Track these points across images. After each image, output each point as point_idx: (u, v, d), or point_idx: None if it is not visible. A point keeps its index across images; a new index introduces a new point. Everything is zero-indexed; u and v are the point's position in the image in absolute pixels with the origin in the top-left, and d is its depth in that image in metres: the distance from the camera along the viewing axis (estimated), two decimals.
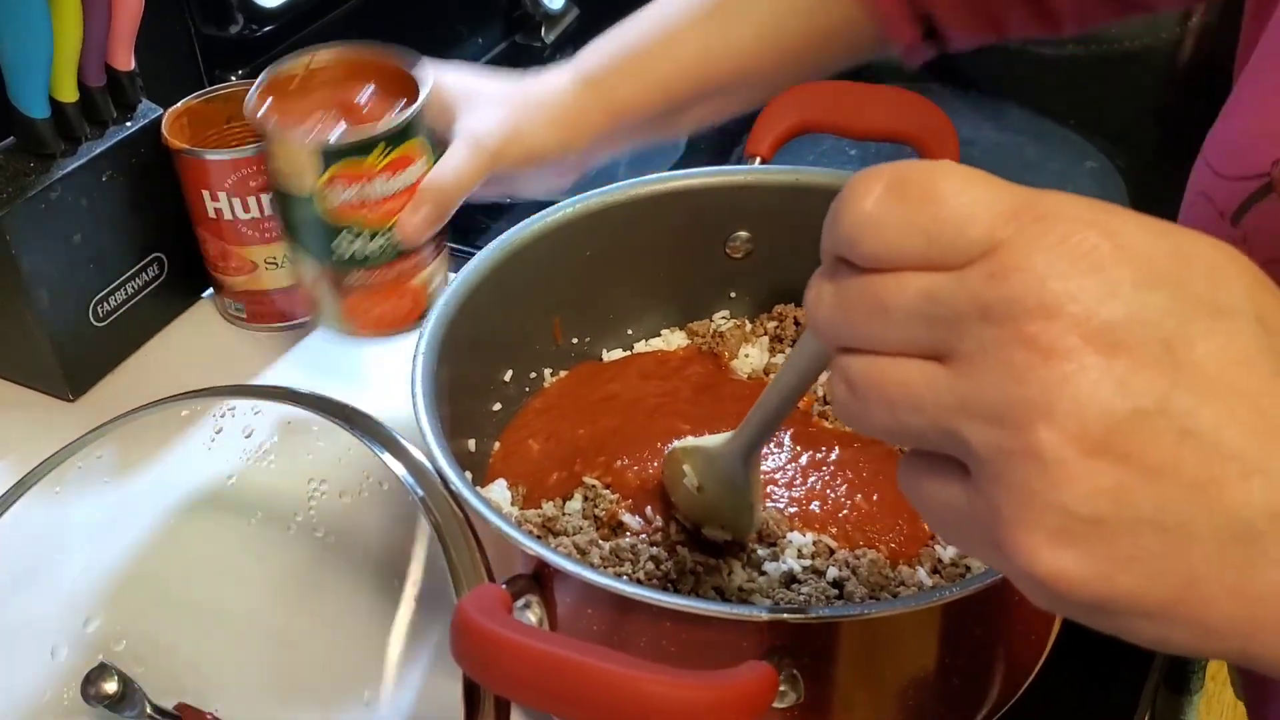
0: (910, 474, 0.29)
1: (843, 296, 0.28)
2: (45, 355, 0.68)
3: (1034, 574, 0.25)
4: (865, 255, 0.27)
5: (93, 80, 0.67)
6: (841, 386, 0.28)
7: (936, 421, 0.26)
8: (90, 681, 0.47)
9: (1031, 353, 0.24)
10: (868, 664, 0.45)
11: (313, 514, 0.50)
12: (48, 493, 0.52)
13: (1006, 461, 0.25)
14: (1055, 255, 0.25)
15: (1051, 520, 0.24)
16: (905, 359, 0.27)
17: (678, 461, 0.53)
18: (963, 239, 0.26)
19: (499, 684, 0.38)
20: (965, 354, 0.25)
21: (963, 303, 0.25)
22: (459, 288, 0.57)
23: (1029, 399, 0.24)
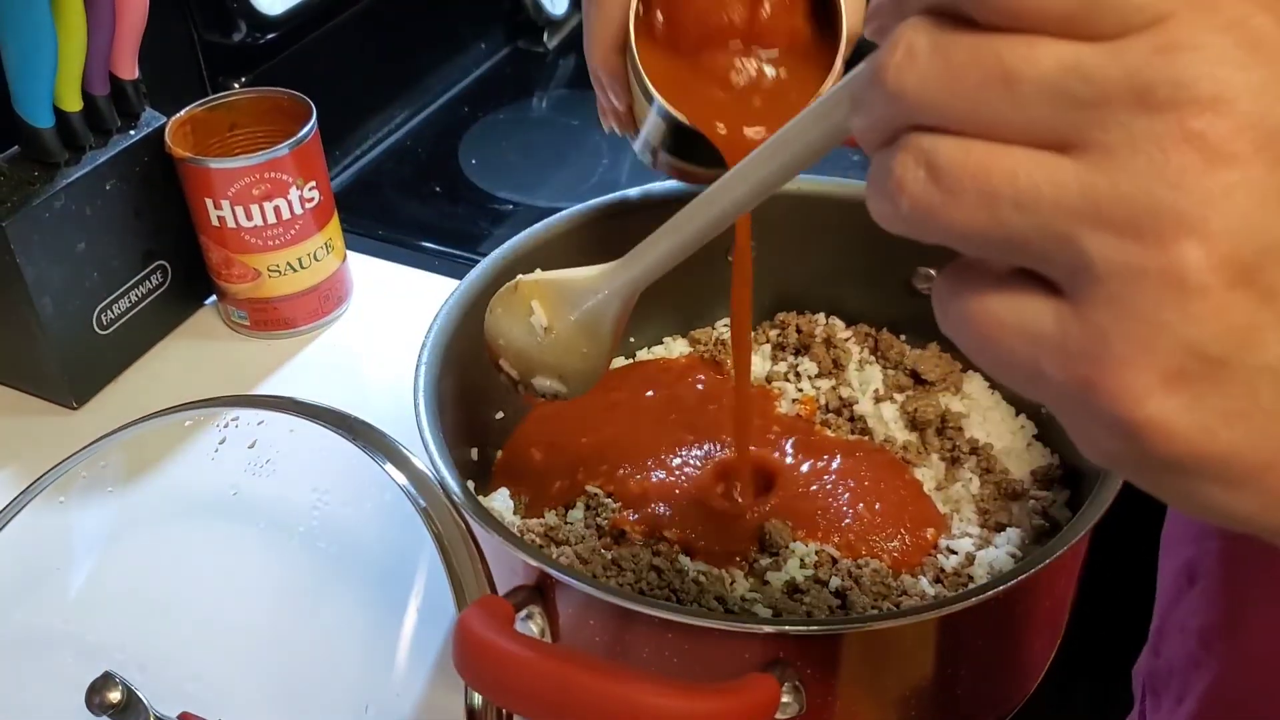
0: (964, 291, 0.24)
1: (948, 58, 0.22)
2: (49, 363, 0.68)
3: (1132, 420, 0.21)
4: (999, 8, 0.22)
5: (97, 89, 0.67)
6: (918, 174, 0.23)
7: (1049, 223, 0.22)
8: (94, 690, 0.47)
9: (1195, 152, 0.20)
10: (870, 675, 0.45)
11: (315, 524, 0.50)
12: (52, 502, 0.52)
13: (1133, 282, 0.21)
14: (1233, 38, 0.21)
15: (1173, 359, 0.21)
16: (1019, 146, 0.22)
17: (524, 298, 0.45)
18: (1128, 3, 0.21)
19: (501, 697, 0.38)
20: (1105, 145, 0.21)
21: (1116, 81, 0.21)
22: (462, 296, 0.57)
23: (1180, 208, 0.20)
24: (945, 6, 0.23)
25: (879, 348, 0.65)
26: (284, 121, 0.72)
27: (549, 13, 1.13)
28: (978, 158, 0.22)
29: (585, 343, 0.44)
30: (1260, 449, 0.22)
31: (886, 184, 0.24)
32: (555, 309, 0.44)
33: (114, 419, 0.54)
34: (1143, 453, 0.22)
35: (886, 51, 0.23)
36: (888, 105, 0.23)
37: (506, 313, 0.46)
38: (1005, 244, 0.23)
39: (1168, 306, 0.21)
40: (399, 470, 0.48)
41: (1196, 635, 0.53)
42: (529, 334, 0.45)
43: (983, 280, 0.24)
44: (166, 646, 0.50)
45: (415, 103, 1.04)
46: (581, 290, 0.43)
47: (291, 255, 0.72)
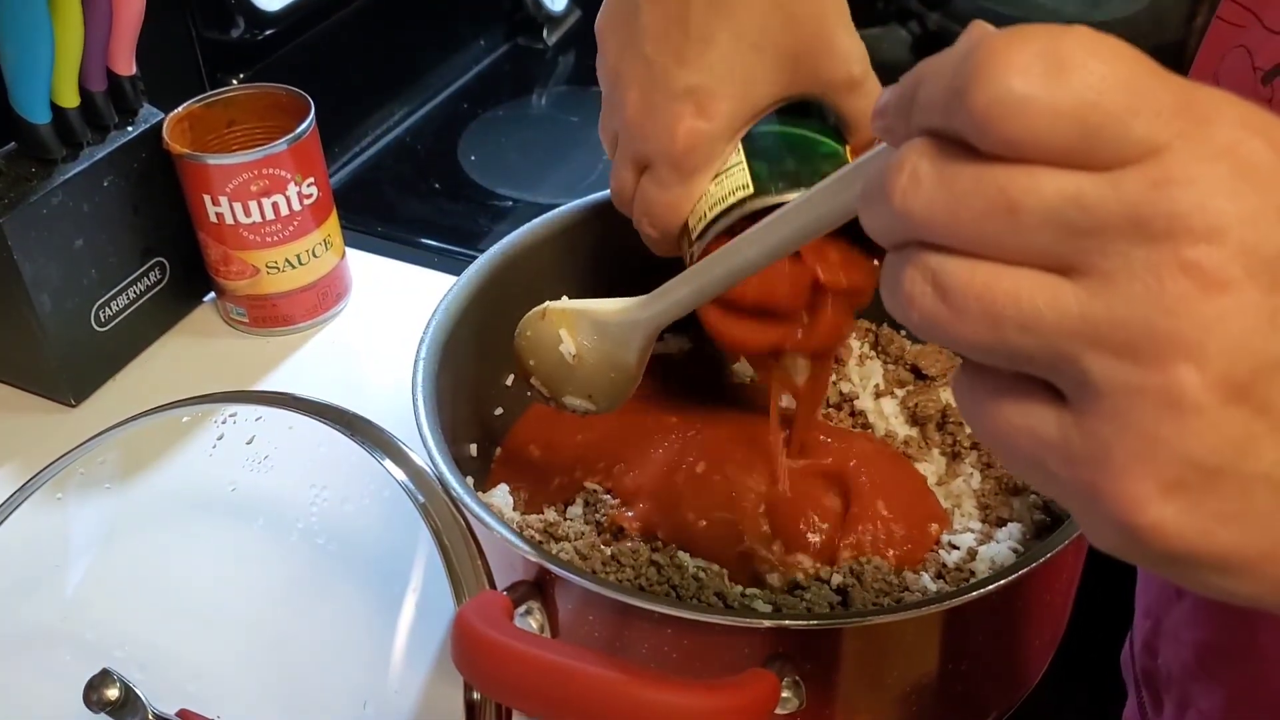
0: (982, 394, 0.25)
1: (953, 184, 0.23)
2: (47, 360, 0.68)
3: (1133, 525, 0.23)
4: (1001, 141, 0.22)
5: (94, 85, 0.67)
6: (926, 290, 0.24)
7: (1051, 344, 0.23)
8: (92, 688, 0.47)
9: (1189, 280, 0.21)
10: (870, 671, 0.45)
11: (314, 520, 0.50)
12: (50, 499, 0.52)
13: (1132, 400, 0.22)
14: (1224, 168, 0.22)
15: (1172, 470, 0.22)
16: (1022, 268, 0.23)
17: (552, 325, 0.48)
18: (1124, 137, 0.22)
19: (500, 692, 0.38)
20: (1105, 271, 0.22)
21: (1114, 213, 0.22)
22: (460, 292, 0.57)
23: (1176, 333, 0.21)
24: (948, 132, 0.23)
25: (879, 343, 0.64)
26: (282, 118, 0.72)
27: (549, 9, 1.13)
28: (982, 279, 0.23)
29: (612, 369, 0.47)
30: (1256, 544, 0.23)
31: (898, 293, 0.25)
32: (583, 337, 0.47)
33: (112, 416, 0.54)
34: (1145, 549, 0.23)
35: (894, 172, 0.24)
36: (894, 221, 0.24)
37: (536, 337, 0.49)
38: (1010, 358, 0.24)
39: (1166, 423, 0.22)
40: (398, 466, 0.47)
41: (1193, 650, 0.53)
42: (559, 359, 0.48)
43: (994, 381, 0.25)
44: (165, 644, 0.50)
45: (414, 99, 1.04)
46: (607, 322, 0.46)
47: (290, 252, 0.72)
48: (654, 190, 0.47)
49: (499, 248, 0.60)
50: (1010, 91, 0.22)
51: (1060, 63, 0.22)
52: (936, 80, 0.24)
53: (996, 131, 0.22)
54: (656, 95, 0.45)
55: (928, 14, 1.16)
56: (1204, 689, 0.52)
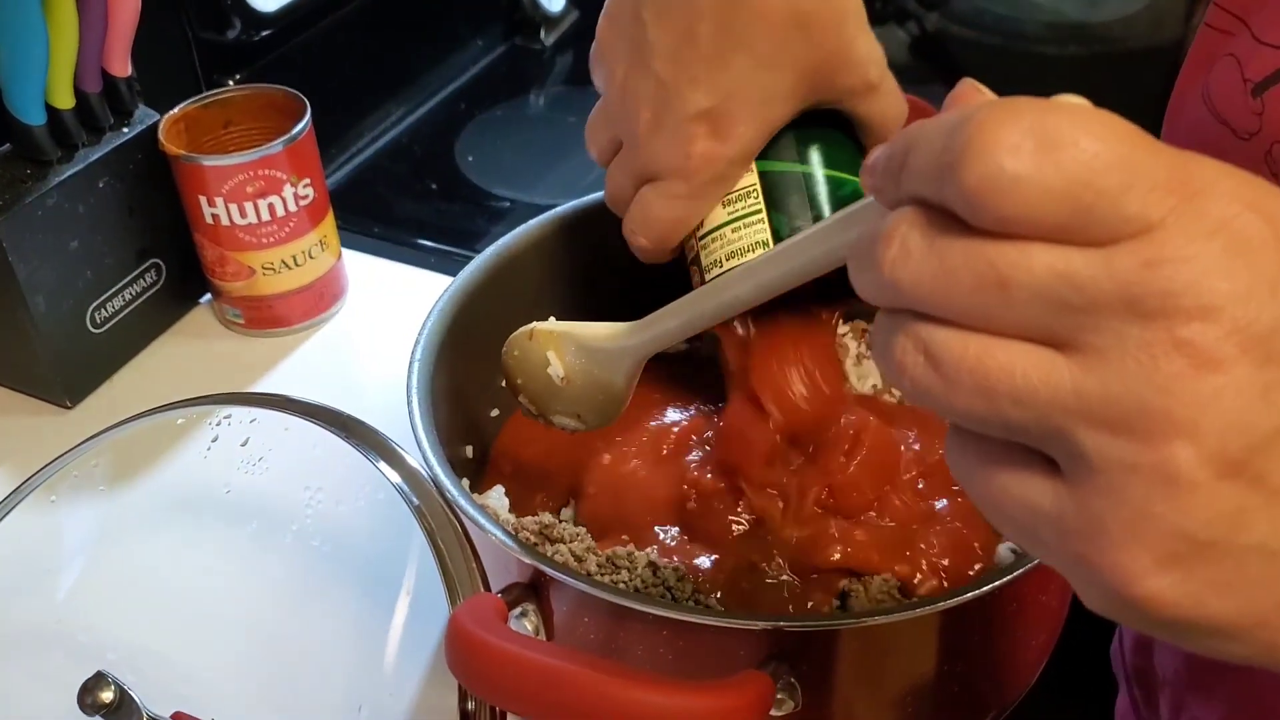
0: (975, 460, 0.25)
1: (944, 258, 0.23)
2: (42, 362, 0.68)
3: (1127, 595, 0.23)
4: (993, 219, 0.22)
5: (89, 86, 0.66)
6: (917, 360, 0.24)
7: (1044, 419, 0.23)
8: (86, 691, 0.47)
9: (1183, 359, 0.21)
10: (866, 672, 0.45)
11: (308, 522, 0.50)
12: (43, 501, 0.52)
13: (1127, 476, 0.22)
14: (1218, 245, 0.22)
15: (1166, 545, 0.22)
16: (1014, 341, 0.23)
17: (540, 346, 0.48)
18: (1116, 215, 0.22)
19: (494, 695, 0.38)
20: (1098, 349, 0.22)
21: (1107, 291, 0.22)
22: (456, 293, 0.57)
23: (1171, 411, 0.22)
24: (939, 202, 0.23)
25: None
26: (278, 119, 0.72)
27: (546, 9, 1.12)
28: (975, 352, 0.23)
29: (600, 392, 0.47)
30: (1249, 611, 0.23)
31: (889, 358, 0.25)
32: (570, 360, 0.47)
33: (108, 418, 0.54)
34: (1139, 617, 0.23)
35: (883, 242, 0.24)
36: (883, 290, 0.24)
37: (524, 357, 0.49)
38: (1004, 429, 0.24)
39: (1160, 500, 0.22)
40: (393, 468, 0.47)
41: (1184, 659, 0.53)
42: (546, 379, 0.48)
43: (988, 448, 0.25)
44: (159, 646, 0.50)
45: (411, 100, 1.04)
46: (595, 348, 0.46)
47: (286, 253, 0.72)
48: (659, 203, 0.45)
49: (495, 248, 0.60)
50: (1001, 170, 0.22)
51: (1052, 140, 0.22)
52: (927, 149, 0.23)
53: (987, 209, 0.22)
54: (669, 116, 0.43)
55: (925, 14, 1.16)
56: (1199, 699, 0.52)
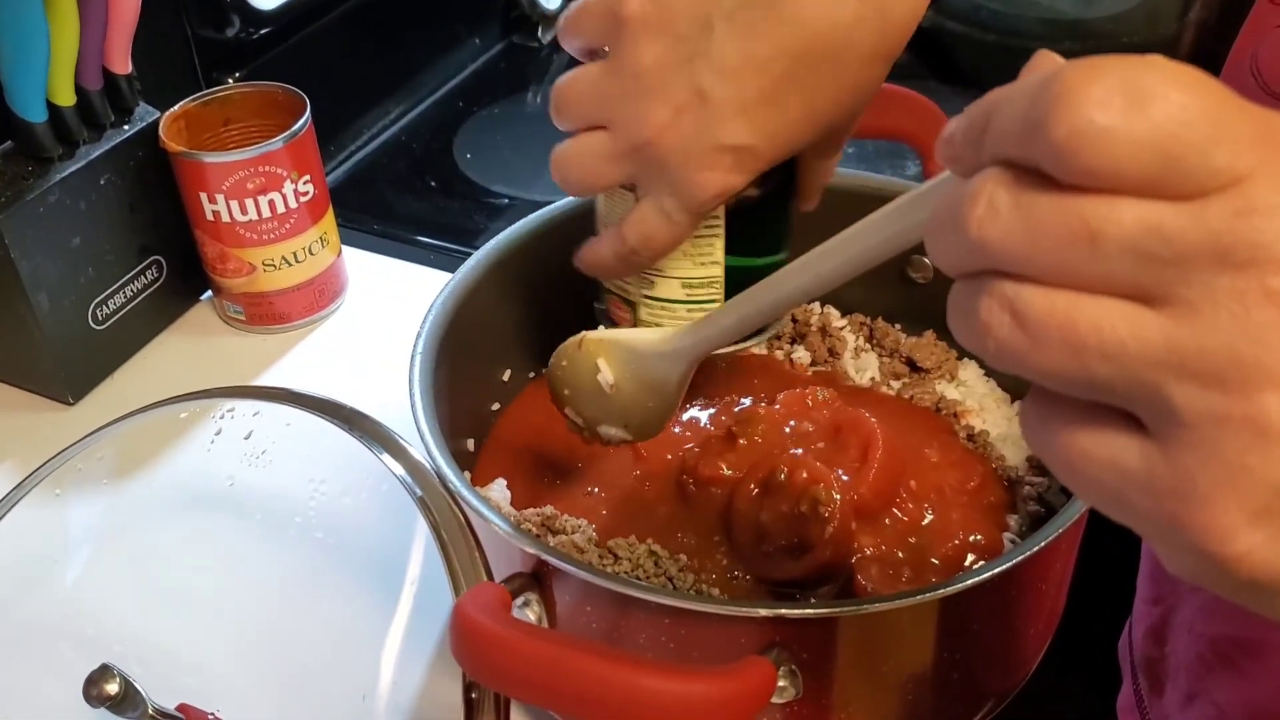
0: (1054, 421, 0.25)
1: (1031, 214, 0.23)
2: (44, 359, 0.68)
3: (1220, 554, 0.23)
4: (1082, 172, 0.22)
5: (90, 84, 0.67)
6: (1004, 319, 0.24)
7: (1135, 373, 0.23)
8: (92, 683, 0.47)
9: (1274, 308, 0.22)
10: (867, 659, 0.45)
11: (312, 515, 0.50)
12: (48, 495, 0.52)
13: (1217, 428, 0.22)
14: None
15: (1259, 499, 0.22)
16: (1102, 297, 0.23)
17: (589, 355, 0.47)
18: (1205, 167, 0.22)
19: (498, 682, 0.38)
20: (1188, 301, 0.22)
21: (1197, 242, 0.22)
22: (457, 287, 0.57)
23: (1262, 361, 0.22)
24: (1025, 161, 0.23)
25: (875, 336, 0.65)
26: (278, 116, 0.72)
27: (543, 7, 1.13)
28: (1063, 308, 0.23)
29: (651, 399, 0.46)
30: None
31: (973, 323, 0.25)
32: (621, 368, 0.46)
33: (109, 415, 0.54)
34: (1229, 578, 0.23)
35: (969, 202, 0.24)
36: (969, 251, 0.24)
37: (572, 366, 0.48)
38: (1091, 388, 0.24)
39: (1252, 452, 0.22)
40: (396, 460, 0.47)
41: (1208, 642, 0.53)
42: (595, 388, 0.47)
43: (1069, 411, 0.25)
44: (164, 638, 0.50)
45: (410, 97, 1.04)
46: (647, 352, 0.45)
47: (287, 249, 0.72)
48: (660, 223, 0.43)
49: (495, 243, 0.60)
50: (1091, 123, 0.22)
51: (1140, 94, 0.22)
52: (1011, 110, 0.24)
53: (1077, 162, 0.22)
54: (700, 136, 0.41)
55: None
56: (1220, 681, 0.52)
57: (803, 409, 0.57)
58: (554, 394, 0.50)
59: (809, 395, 0.58)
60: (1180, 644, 0.56)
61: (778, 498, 0.51)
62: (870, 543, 0.51)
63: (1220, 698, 0.52)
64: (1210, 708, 0.53)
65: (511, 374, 0.63)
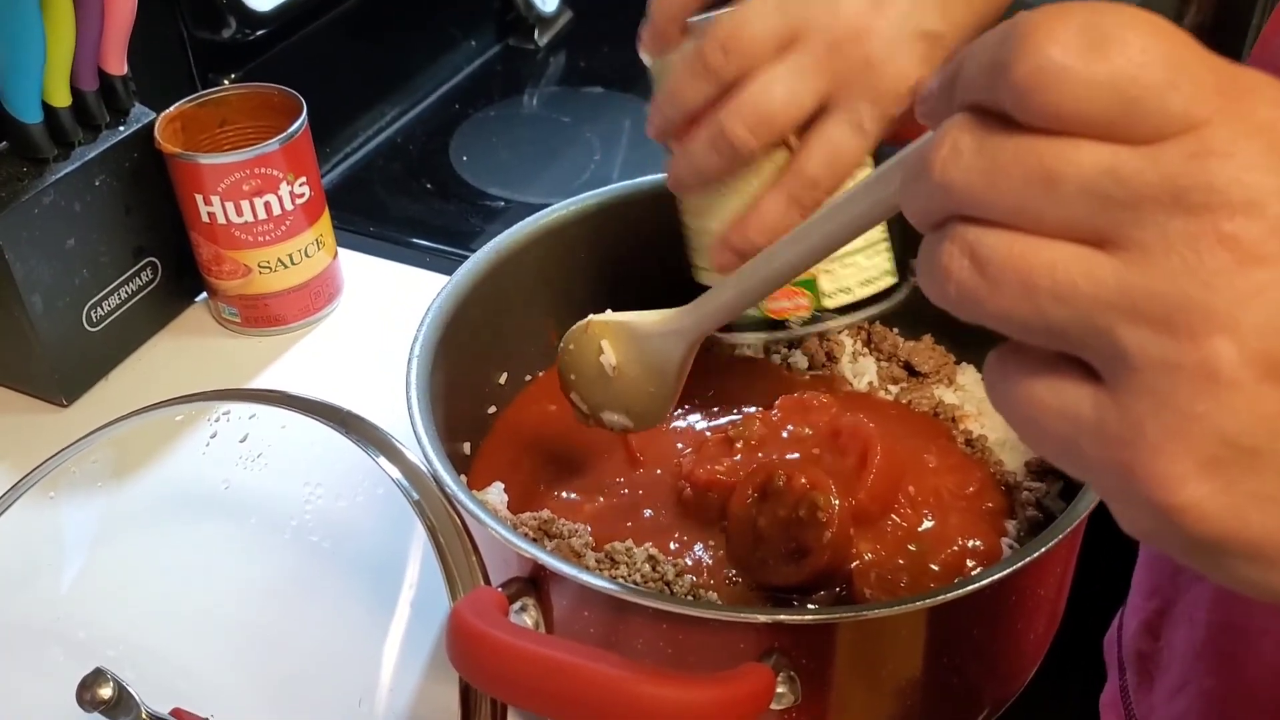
0: (1010, 371, 0.25)
1: (993, 156, 0.23)
2: (38, 361, 0.68)
3: (1167, 505, 0.22)
4: (1041, 111, 0.22)
5: (85, 85, 0.66)
6: (963, 263, 0.24)
7: (1087, 316, 0.23)
8: (85, 687, 0.47)
9: (1227, 253, 0.21)
10: (865, 665, 0.45)
11: (308, 518, 0.50)
12: (42, 498, 0.52)
13: (1168, 375, 0.22)
14: (1263, 142, 0.22)
15: (1207, 448, 0.22)
16: (1058, 241, 0.23)
17: (594, 337, 0.48)
18: (1162, 110, 0.22)
19: (494, 687, 0.38)
20: (1141, 244, 0.22)
21: (1152, 184, 0.22)
22: (454, 290, 0.57)
23: (1213, 306, 0.21)
24: (990, 105, 0.23)
25: (872, 340, 0.65)
26: (274, 117, 0.72)
27: (540, 10, 1.13)
28: (1019, 250, 0.23)
29: (652, 382, 0.47)
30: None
31: (935, 268, 0.25)
32: (624, 349, 0.47)
33: (104, 417, 0.54)
34: (1178, 533, 0.23)
35: (934, 146, 0.24)
36: (934, 196, 0.24)
37: (578, 349, 0.49)
38: (1045, 332, 0.24)
39: (1201, 399, 0.22)
40: (392, 463, 0.47)
41: (1206, 629, 0.53)
42: (599, 371, 0.48)
43: (1028, 362, 0.25)
44: (158, 642, 0.50)
45: (406, 100, 1.04)
46: (648, 333, 0.45)
47: (282, 251, 0.72)
48: (845, 134, 0.41)
49: (492, 246, 0.60)
50: (1050, 61, 0.22)
51: (1101, 36, 0.22)
52: (979, 56, 0.24)
53: (1036, 101, 0.22)
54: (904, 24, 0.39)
55: None
56: (1211, 668, 0.52)
57: (800, 414, 0.57)
58: (561, 379, 0.50)
59: (806, 400, 0.58)
60: (1179, 635, 0.56)
61: (776, 503, 0.50)
62: (869, 548, 0.51)
63: (1209, 684, 0.52)
64: (1198, 698, 0.52)
65: (508, 377, 0.63)
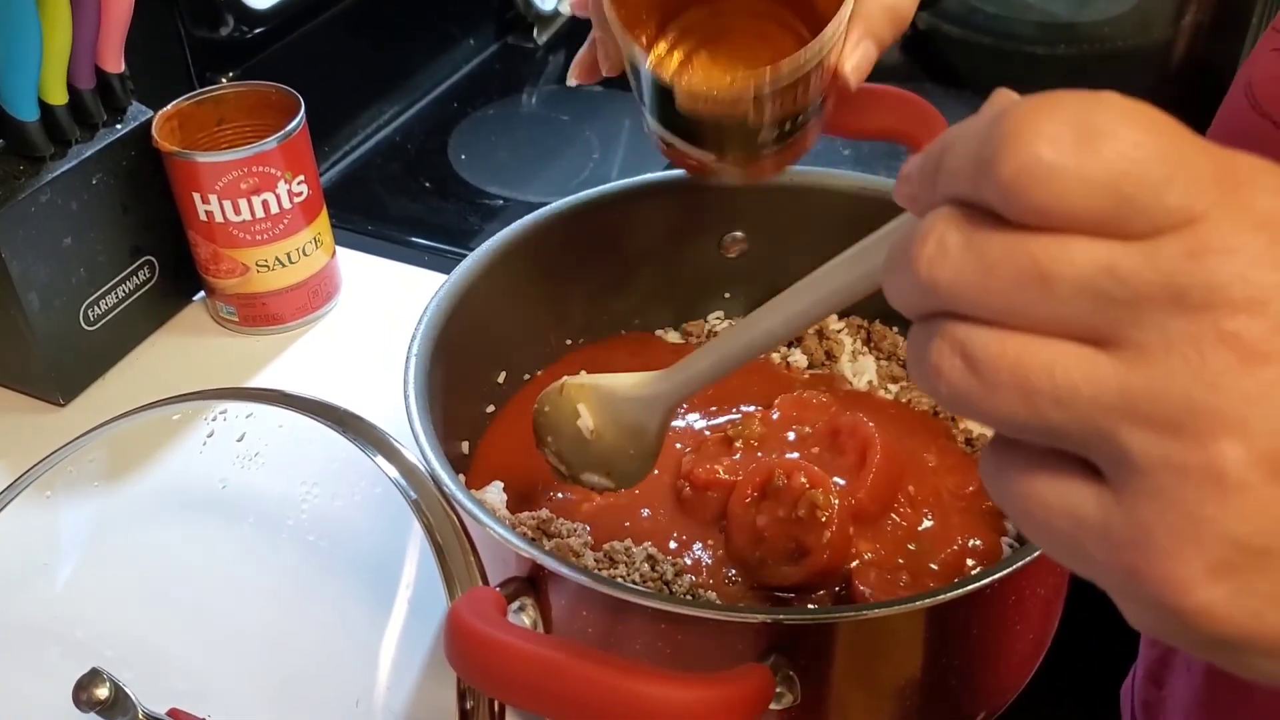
0: (1009, 468, 0.24)
1: (983, 254, 0.22)
2: (35, 359, 0.68)
3: (1179, 609, 0.22)
4: (1031, 210, 0.22)
5: (82, 83, 0.66)
6: (955, 363, 0.23)
7: (1089, 420, 0.22)
8: (81, 687, 0.47)
9: (1230, 352, 0.21)
10: (864, 665, 0.45)
11: (305, 517, 0.50)
12: (39, 497, 0.52)
13: (1174, 477, 0.21)
14: (1264, 238, 0.21)
15: (1218, 551, 0.21)
16: (1054, 340, 0.22)
17: (570, 400, 0.47)
18: (1159, 206, 0.21)
19: (493, 687, 0.37)
20: (1141, 344, 0.21)
21: (1150, 283, 0.21)
22: (453, 289, 0.57)
23: (1218, 407, 0.21)
24: (976, 199, 0.23)
25: (872, 339, 0.65)
26: (272, 115, 0.72)
27: (539, 8, 1.12)
28: (1015, 351, 0.22)
29: (631, 444, 0.46)
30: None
31: (925, 365, 0.24)
32: (601, 413, 0.46)
33: (101, 416, 0.53)
34: (1191, 633, 0.22)
35: (919, 240, 0.23)
36: (921, 293, 0.24)
37: (555, 412, 0.48)
38: (1046, 434, 0.23)
39: (1210, 502, 0.21)
40: (390, 463, 0.47)
41: (1203, 676, 0.53)
42: (577, 434, 0.47)
43: (1027, 458, 0.24)
44: (155, 642, 0.49)
45: (405, 98, 1.04)
46: (625, 397, 0.45)
47: (280, 250, 0.71)
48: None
49: (490, 244, 0.60)
50: (1039, 161, 0.21)
51: (1091, 131, 0.21)
52: (963, 147, 0.23)
53: (1026, 200, 0.22)
54: None
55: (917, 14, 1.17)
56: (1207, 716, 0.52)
57: (800, 413, 0.57)
58: (538, 439, 0.50)
59: (806, 399, 0.58)
60: (1179, 683, 0.55)
61: (775, 502, 0.50)
62: (868, 548, 0.50)
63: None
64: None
65: (506, 376, 0.63)
